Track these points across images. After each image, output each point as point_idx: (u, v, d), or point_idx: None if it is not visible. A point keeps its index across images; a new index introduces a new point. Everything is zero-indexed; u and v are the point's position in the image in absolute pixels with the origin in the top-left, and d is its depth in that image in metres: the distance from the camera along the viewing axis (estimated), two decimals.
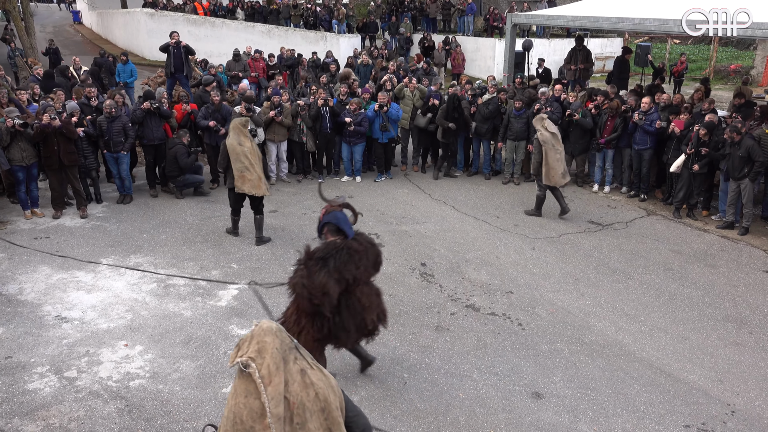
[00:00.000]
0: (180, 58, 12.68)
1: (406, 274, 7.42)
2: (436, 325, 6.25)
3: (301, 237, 8.44)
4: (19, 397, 4.99)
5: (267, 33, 22.59)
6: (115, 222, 8.89)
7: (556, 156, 8.86)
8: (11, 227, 8.57)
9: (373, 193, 10.47)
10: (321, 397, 2.77)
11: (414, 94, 11.58)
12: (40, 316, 6.22)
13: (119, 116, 9.51)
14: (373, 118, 10.79)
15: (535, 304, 6.72)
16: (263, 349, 2.75)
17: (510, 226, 9.02)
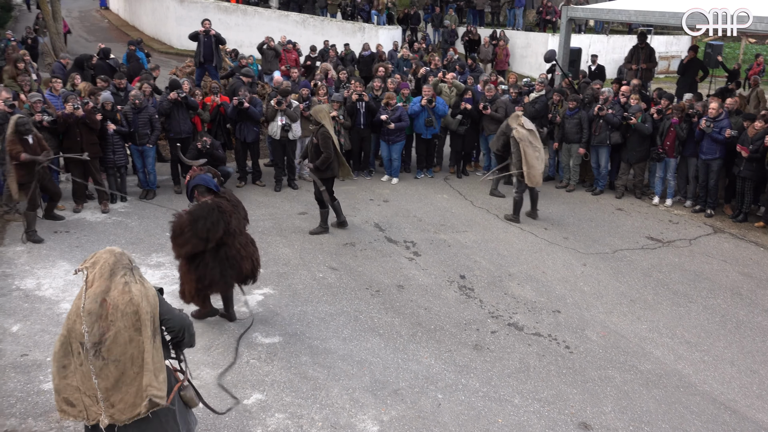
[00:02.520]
0: (210, 48, 12.95)
1: (443, 286, 7.41)
2: (474, 343, 6.22)
3: (332, 241, 8.51)
4: (34, 397, 5.15)
5: (301, 23, 22.88)
6: (137, 218, 9.10)
7: (535, 154, 8.94)
8: None
9: (410, 197, 10.49)
10: (134, 303, 3.54)
11: (451, 90, 11.59)
12: (58, 314, 6.41)
13: (146, 107, 9.75)
14: (419, 113, 10.84)
15: (585, 326, 6.63)
16: (97, 261, 3.63)
17: (559, 238, 8.92)
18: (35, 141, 8.27)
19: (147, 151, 9.87)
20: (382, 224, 9.25)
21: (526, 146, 8.92)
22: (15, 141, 8.04)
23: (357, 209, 9.83)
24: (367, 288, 7.28)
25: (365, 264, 7.91)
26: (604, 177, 10.84)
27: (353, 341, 6.14)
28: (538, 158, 8.97)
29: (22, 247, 7.96)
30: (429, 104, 10.78)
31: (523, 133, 8.97)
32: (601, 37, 21.89)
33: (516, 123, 9.10)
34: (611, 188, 10.98)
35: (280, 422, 4.93)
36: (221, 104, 10.63)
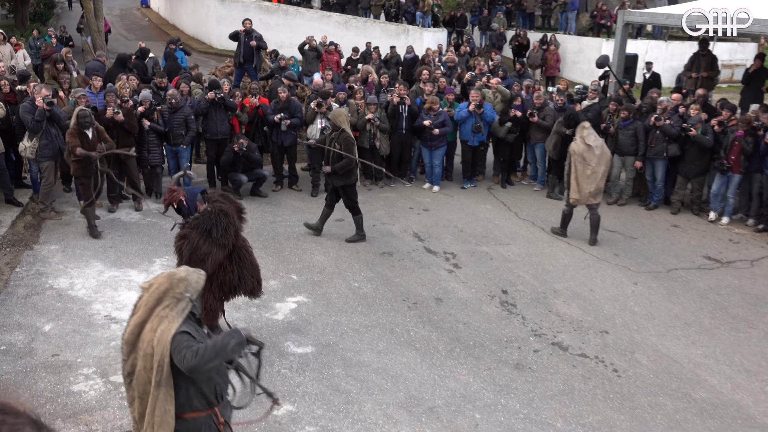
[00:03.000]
0: (250, 48, 13.18)
1: (484, 301, 7.36)
2: (516, 362, 6.16)
3: (369, 250, 8.54)
4: (64, 398, 5.29)
5: (344, 24, 23.11)
6: (172, 220, 9.29)
7: (585, 172, 8.72)
8: (66, 218, 9.15)
9: (451, 207, 10.46)
10: (153, 345, 3.46)
11: (495, 97, 11.54)
12: (90, 315, 6.60)
13: (182, 107, 9.98)
14: (466, 119, 10.83)
15: (635, 349, 6.50)
16: (152, 285, 3.57)
17: (609, 255, 8.77)
18: (95, 135, 8.45)
19: (181, 152, 10.09)
20: (422, 234, 9.25)
21: (577, 161, 8.76)
22: (74, 134, 8.24)
23: (395, 217, 9.85)
24: (404, 300, 7.28)
25: (403, 275, 7.91)
26: (659, 191, 10.62)
27: (388, 354, 6.15)
28: (589, 177, 8.73)
29: (57, 246, 8.21)
30: (477, 110, 10.75)
31: (578, 148, 8.76)
32: (659, 43, 21.51)
33: (578, 134, 8.88)
34: (666, 203, 10.76)
35: None
36: (260, 106, 10.80)
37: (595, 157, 8.71)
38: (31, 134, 8.79)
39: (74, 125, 8.28)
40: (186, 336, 3.46)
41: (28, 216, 9.05)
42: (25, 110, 8.71)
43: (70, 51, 13.43)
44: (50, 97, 8.82)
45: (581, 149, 8.75)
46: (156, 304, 3.51)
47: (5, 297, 6.87)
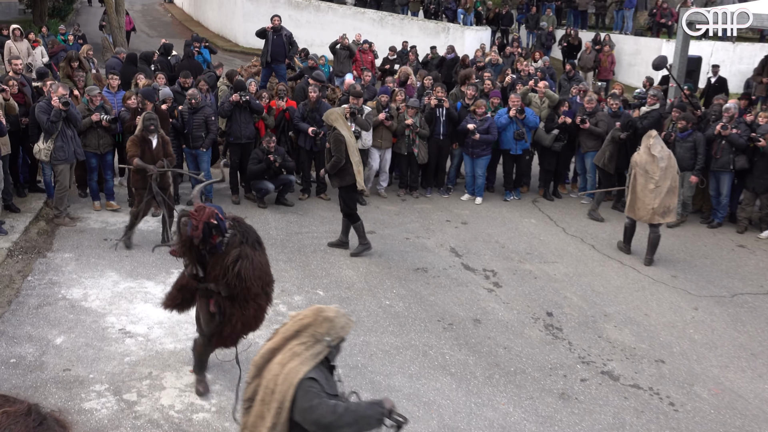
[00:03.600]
0: (281, 46, 13.37)
1: (526, 324, 7.32)
2: (560, 391, 6.11)
3: (402, 265, 8.57)
4: (75, 416, 5.41)
5: (379, 21, 23.31)
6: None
7: (649, 186, 8.58)
8: (81, 225, 9.38)
9: (493, 220, 10.43)
10: (277, 381, 3.42)
11: (542, 102, 11.50)
12: (103, 328, 6.74)
13: (202, 107, 10.17)
14: (506, 125, 10.83)
15: (694, 381, 6.39)
16: (299, 315, 3.58)
17: (666, 276, 8.65)
18: (159, 145, 8.40)
19: (200, 155, 10.26)
20: (459, 249, 9.24)
21: (639, 174, 8.66)
22: (136, 142, 8.23)
23: (431, 231, 9.87)
24: (438, 320, 7.27)
25: (438, 293, 7.91)
26: (724, 207, 10.44)
27: (421, 379, 6.15)
28: (652, 192, 8.59)
29: (71, 254, 8.42)
30: (519, 115, 10.74)
31: (642, 159, 8.66)
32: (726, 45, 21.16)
33: (644, 144, 8.76)
34: (732, 221, 10.57)
35: None
36: (287, 109, 10.94)
37: (660, 170, 8.55)
38: (46, 136, 9.02)
39: (139, 131, 8.28)
40: (315, 384, 3.38)
41: (42, 222, 9.30)
42: (40, 110, 8.95)
43: (92, 48, 13.79)
44: (66, 97, 9.06)
45: (644, 160, 8.64)
46: (293, 337, 3.49)
47: (16, 307, 7.06)
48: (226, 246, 5.07)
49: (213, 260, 5.14)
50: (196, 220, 4.99)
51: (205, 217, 5.00)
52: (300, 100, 11.20)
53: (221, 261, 5.08)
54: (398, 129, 10.85)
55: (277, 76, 13.44)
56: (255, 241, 5.19)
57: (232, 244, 5.06)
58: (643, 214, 8.75)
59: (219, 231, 5.08)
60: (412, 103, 10.95)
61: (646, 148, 8.67)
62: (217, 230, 5.06)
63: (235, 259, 5.03)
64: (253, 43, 20.15)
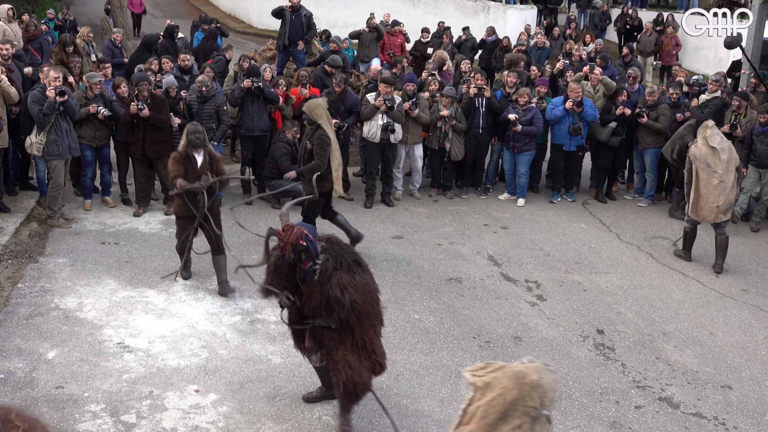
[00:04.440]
0: (299, 28, 13.43)
1: (574, 342, 7.28)
2: (612, 419, 6.07)
3: (433, 275, 8.58)
4: None
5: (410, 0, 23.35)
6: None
7: (712, 182, 8.57)
8: (77, 226, 9.55)
9: (536, 224, 10.40)
10: None
11: (596, 90, 11.42)
12: (100, 341, 6.85)
13: (213, 96, 10.27)
14: (560, 118, 10.76)
15: (766, 410, 6.31)
16: (491, 386, 3.00)
17: (736, 291, 8.55)
18: (206, 161, 7.77)
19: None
20: (499, 257, 9.23)
21: (701, 168, 8.65)
22: (178, 159, 7.65)
23: (467, 236, 9.87)
24: (474, 337, 7.27)
25: (474, 306, 7.91)
26: None
27: (453, 404, 6.14)
28: (716, 188, 8.59)
29: (65, 259, 8.57)
30: (577, 107, 10.66)
31: (701, 152, 8.66)
32: None
33: (700, 135, 8.79)
34: None
35: None
36: (310, 97, 10.99)
37: (722, 163, 8.56)
38: (38, 128, 9.10)
39: (183, 146, 7.74)
40: None
41: (34, 223, 9.48)
42: (33, 100, 9.03)
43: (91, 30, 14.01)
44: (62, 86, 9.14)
45: (704, 153, 8.63)
46: (500, 420, 2.95)
47: (5, 317, 7.21)
48: (319, 274, 5.04)
49: (307, 290, 5.13)
50: (283, 242, 4.95)
51: (293, 237, 4.94)
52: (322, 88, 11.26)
53: (318, 291, 5.06)
54: (431, 121, 10.84)
55: (295, 61, 13.53)
56: (351, 263, 5.14)
57: (325, 272, 5.03)
58: (707, 213, 8.74)
59: (309, 255, 5.04)
60: (447, 92, 10.94)
61: (704, 140, 8.67)
62: (307, 254, 5.02)
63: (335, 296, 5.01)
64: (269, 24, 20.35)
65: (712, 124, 8.90)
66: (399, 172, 11.19)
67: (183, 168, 7.59)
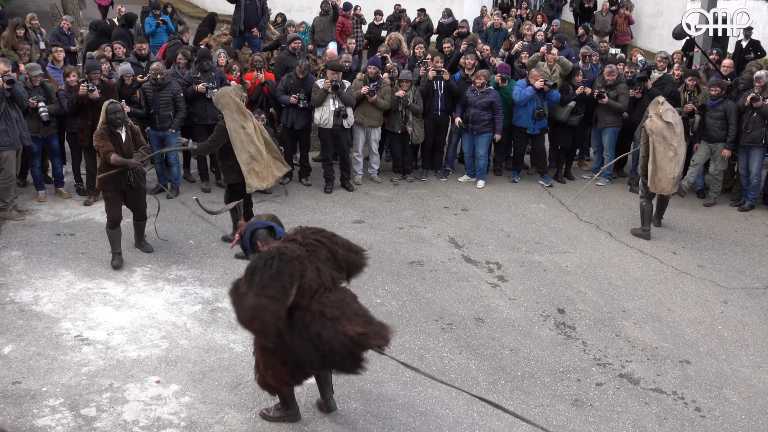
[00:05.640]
0: (254, 12, 13.30)
1: (535, 322, 7.35)
2: (574, 397, 6.15)
3: (395, 258, 8.59)
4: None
5: None
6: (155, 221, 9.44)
7: (668, 154, 8.93)
8: (31, 218, 9.35)
9: (497, 205, 10.46)
10: None
11: (553, 70, 11.51)
12: (57, 335, 6.74)
13: (168, 83, 10.12)
14: (530, 98, 10.79)
15: (723, 383, 6.44)
16: None
17: (692, 266, 8.70)
18: (129, 137, 8.11)
19: (169, 137, 10.23)
20: (460, 239, 9.26)
21: (657, 142, 8.95)
22: (104, 135, 7.88)
23: (427, 219, 9.89)
24: (436, 320, 7.30)
25: (435, 289, 7.94)
26: (755, 188, 10.50)
27: (416, 387, 6.18)
28: (672, 159, 8.94)
29: (18, 252, 8.39)
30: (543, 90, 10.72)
31: (657, 126, 8.96)
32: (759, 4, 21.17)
33: (653, 111, 9.10)
34: (766, 203, 10.63)
35: None
36: (265, 83, 10.91)
37: (677, 136, 8.96)
38: None
39: (102, 124, 7.93)
40: None
41: None
42: None
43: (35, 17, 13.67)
44: (10, 73, 9.00)
45: (660, 127, 8.95)
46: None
47: None
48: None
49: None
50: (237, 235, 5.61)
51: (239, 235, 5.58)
52: (280, 74, 11.17)
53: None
54: (391, 105, 10.83)
55: (250, 46, 13.38)
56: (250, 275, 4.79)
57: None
58: (665, 185, 9.04)
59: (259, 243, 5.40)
60: (404, 76, 10.92)
61: (657, 116, 9.00)
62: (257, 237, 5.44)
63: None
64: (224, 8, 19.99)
65: (663, 99, 9.21)
66: (359, 156, 11.17)
67: (111, 143, 7.86)
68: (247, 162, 8.27)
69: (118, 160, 7.83)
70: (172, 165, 10.43)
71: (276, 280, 4.65)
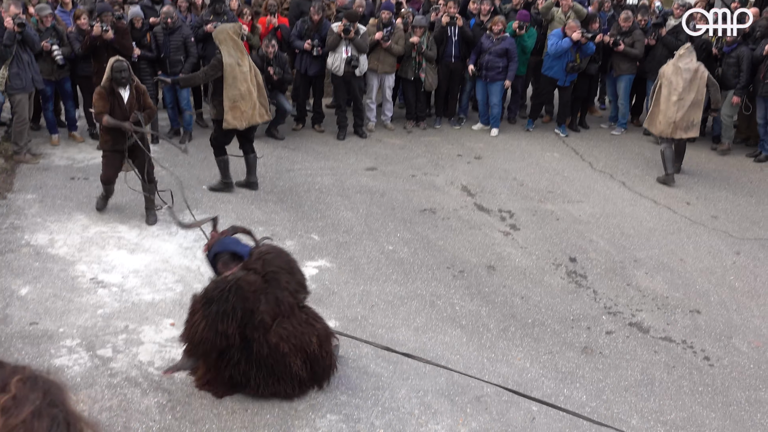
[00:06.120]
0: None
1: (546, 270, 7.38)
2: (583, 344, 6.19)
3: (407, 206, 8.60)
4: None
5: None
6: (169, 165, 9.43)
7: (672, 98, 9.16)
8: (45, 162, 9.40)
9: (510, 154, 10.41)
10: None
11: (568, 17, 11.34)
12: (73, 277, 6.82)
13: (179, 27, 10.04)
14: (566, 50, 10.64)
15: (733, 333, 6.46)
16: None
17: (705, 217, 8.68)
18: (132, 96, 7.63)
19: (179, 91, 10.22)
20: (472, 187, 9.25)
21: (664, 85, 9.24)
22: (103, 95, 7.48)
23: (440, 167, 9.86)
24: (448, 267, 7.34)
25: (448, 237, 7.96)
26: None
27: (427, 332, 6.24)
28: (675, 104, 9.14)
29: (33, 196, 8.45)
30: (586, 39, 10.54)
31: (668, 70, 9.24)
32: None
33: (676, 55, 9.40)
34: None
35: (332, 425, 5.10)
36: (278, 27, 10.80)
37: (683, 82, 9.12)
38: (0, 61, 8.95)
39: (106, 81, 7.49)
40: None
41: (0, 159, 9.30)
42: None
43: None
44: (21, 17, 8.95)
45: (670, 71, 9.25)
46: None
47: None
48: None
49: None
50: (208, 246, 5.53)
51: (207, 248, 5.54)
52: (294, 19, 11.04)
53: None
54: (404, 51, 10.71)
55: None
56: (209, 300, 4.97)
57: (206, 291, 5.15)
58: (663, 127, 9.29)
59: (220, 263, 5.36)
60: (418, 22, 10.77)
61: (676, 59, 9.28)
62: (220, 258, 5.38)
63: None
64: None
65: (689, 45, 9.35)
66: (372, 103, 11.11)
67: (108, 104, 7.50)
68: (232, 98, 8.27)
69: (110, 122, 7.46)
70: (184, 110, 10.40)
71: (228, 317, 4.87)
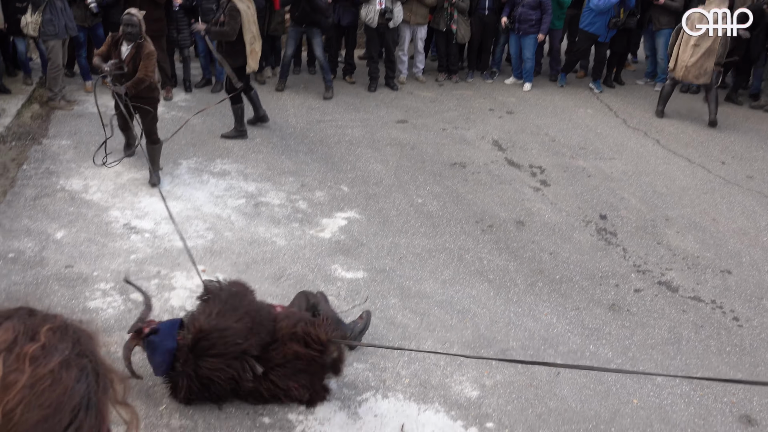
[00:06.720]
0: None
1: (576, 227, 7.35)
2: (611, 302, 6.20)
3: (437, 159, 8.58)
4: (79, 315, 5.61)
5: None
6: (201, 115, 9.50)
7: (690, 42, 9.39)
8: (79, 108, 9.49)
9: (543, 109, 10.31)
10: None
11: None
12: (107, 222, 6.93)
13: None
14: (607, 8, 10.42)
15: (764, 294, 6.42)
16: None
17: (741, 177, 8.56)
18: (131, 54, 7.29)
19: None
20: (503, 142, 9.19)
21: (684, 28, 9.46)
22: (109, 41, 7.47)
23: (471, 121, 9.80)
24: (477, 221, 7.34)
25: (477, 191, 7.95)
26: None
27: (455, 285, 6.27)
28: (692, 49, 9.40)
29: (68, 142, 8.56)
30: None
31: (692, 16, 9.41)
32: None
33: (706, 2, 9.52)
34: None
35: (358, 373, 5.18)
36: None
37: (707, 32, 9.32)
38: (33, 7, 8.94)
39: (111, 37, 7.45)
40: None
41: (36, 105, 9.41)
42: None
43: None
44: None
45: (694, 18, 9.42)
46: None
47: (12, 198, 7.26)
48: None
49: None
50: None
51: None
52: None
53: None
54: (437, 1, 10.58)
55: None
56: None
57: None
58: (678, 71, 9.65)
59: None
60: None
61: (704, 6, 9.44)
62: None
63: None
64: None
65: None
66: (404, 55, 11.01)
67: (108, 50, 7.44)
68: (250, 42, 8.34)
69: (95, 63, 7.44)
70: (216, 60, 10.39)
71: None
